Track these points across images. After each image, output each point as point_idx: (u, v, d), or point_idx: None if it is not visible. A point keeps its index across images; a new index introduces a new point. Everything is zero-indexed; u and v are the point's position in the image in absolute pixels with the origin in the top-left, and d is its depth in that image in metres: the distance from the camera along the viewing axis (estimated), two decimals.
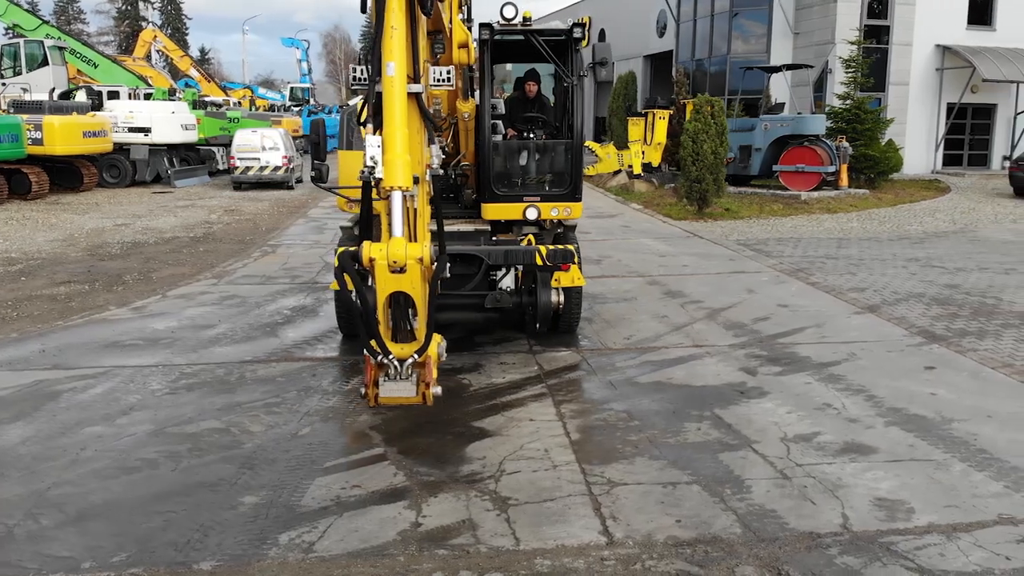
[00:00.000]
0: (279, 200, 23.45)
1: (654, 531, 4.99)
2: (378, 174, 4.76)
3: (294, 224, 18.79)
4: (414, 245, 4.78)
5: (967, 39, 26.97)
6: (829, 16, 26.12)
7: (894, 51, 26.61)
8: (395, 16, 4.72)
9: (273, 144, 25.84)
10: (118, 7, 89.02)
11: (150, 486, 5.63)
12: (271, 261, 14.04)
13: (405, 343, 4.98)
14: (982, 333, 9.24)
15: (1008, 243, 15.52)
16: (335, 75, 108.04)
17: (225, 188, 26.50)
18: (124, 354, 8.64)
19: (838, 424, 6.66)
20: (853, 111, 23.26)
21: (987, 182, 25.82)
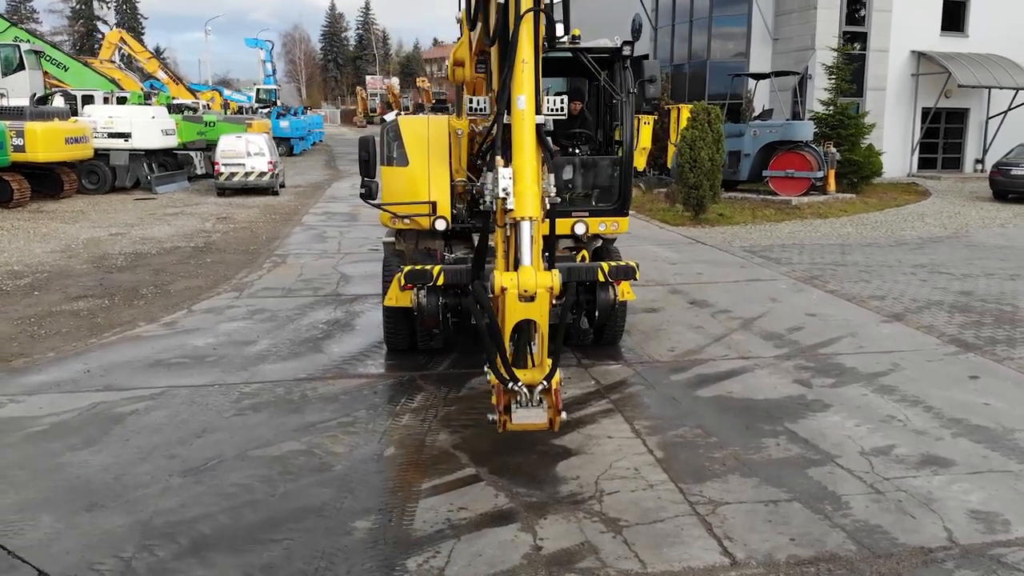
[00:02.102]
0: (268, 207, 23.24)
1: (773, 550, 5.12)
2: (509, 205, 4.81)
3: (293, 233, 18.65)
4: (544, 274, 4.85)
5: (941, 45, 27.66)
6: (809, 23, 26.61)
7: (871, 57, 27.19)
8: (526, 50, 4.78)
9: (258, 149, 25.59)
10: (72, 6, 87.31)
11: (255, 513, 5.62)
12: (285, 273, 13.95)
13: (527, 370, 5.05)
14: (1011, 341, 9.54)
15: (1003, 248, 15.97)
16: (295, 75, 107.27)
17: (208, 194, 26.18)
18: (174, 373, 8.56)
19: (908, 436, 6.86)
20: (837, 116, 23.74)
21: (963, 185, 26.51)
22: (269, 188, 25.89)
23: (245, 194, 25.64)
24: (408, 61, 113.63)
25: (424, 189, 8.96)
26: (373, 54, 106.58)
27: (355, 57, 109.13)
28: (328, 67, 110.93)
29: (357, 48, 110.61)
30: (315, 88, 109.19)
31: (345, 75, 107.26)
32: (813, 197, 21.80)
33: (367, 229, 19.22)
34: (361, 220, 20.78)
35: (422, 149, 9.15)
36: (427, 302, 7.88)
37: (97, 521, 5.49)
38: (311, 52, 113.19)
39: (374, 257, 15.38)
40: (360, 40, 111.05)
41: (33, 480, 6.08)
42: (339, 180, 32.36)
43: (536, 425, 4.91)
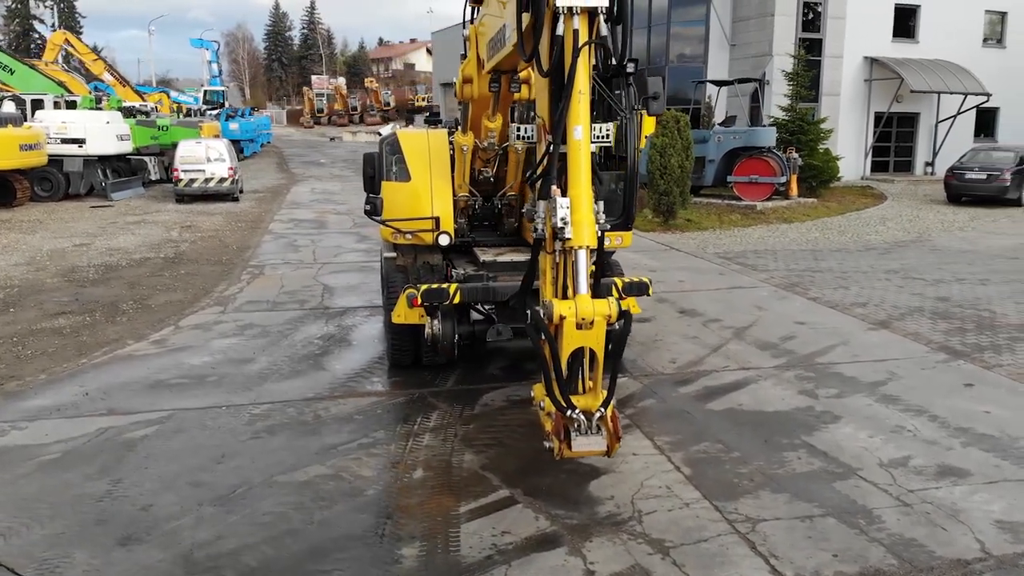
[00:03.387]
0: (231, 214, 22.88)
1: (820, 567, 5.23)
2: (567, 234, 4.84)
3: (263, 242, 18.39)
4: (600, 302, 4.88)
5: (893, 51, 28.43)
6: (766, 29, 27.12)
7: (826, 63, 27.81)
8: (582, 81, 4.81)
9: (219, 155, 25.18)
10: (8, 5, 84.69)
11: (297, 542, 5.55)
12: (265, 285, 13.75)
13: (581, 396, 5.08)
14: (997, 348, 9.86)
15: (967, 252, 16.49)
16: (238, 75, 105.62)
17: (165, 200, 25.67)
18: (176, 395, 8.40)
19: (921, 447, 7.06)
20: (796, 122, 24.24)
21: (916, 188, 27.28)
22: (229, 194, 25.49)
23: (205, 200, 25.20)
24: (355, 61, 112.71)
25: (427, 204, 8.94)
26: (319, 54, 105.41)
27: (300, 57, 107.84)
28: (272, 67, 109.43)
29: (302, 48, 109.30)
30: (259, 88, 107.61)
31: (290, 75, 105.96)
32: (777, 202, 22.24)
33: (338, 237, 19.09)
34: (330, 228, 20.61)
35: (423, 164, 9.13)
36: (443, 331, 7.87)
37: (135, 556, 5.38)
38: (254, 52, 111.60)
39: (353, 267, 15.29)
40: (305, 40, 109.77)
41: (58, 513, 5.93)
42: (296, 184, 31.97)
43: (595, 452, 4.95)
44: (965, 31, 29.65)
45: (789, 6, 26.78)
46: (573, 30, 4.76)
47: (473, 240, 9.37)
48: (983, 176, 22.69)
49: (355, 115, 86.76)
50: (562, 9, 4.73)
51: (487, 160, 8.99)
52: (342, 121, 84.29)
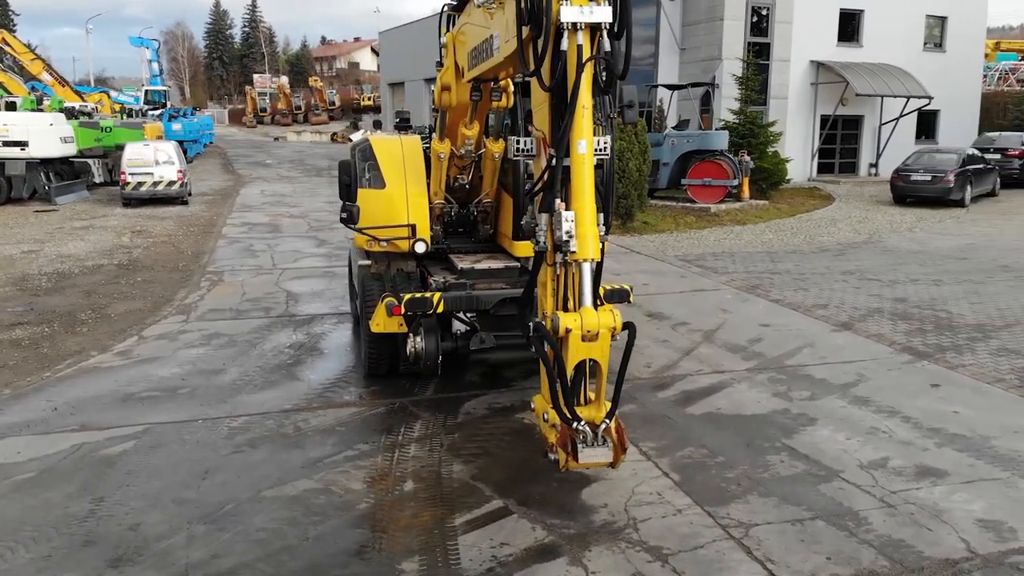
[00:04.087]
0: (182, 218, 22.44)
1: (816, 571, 5.34)
2: (572, 247, 4.87)
3: (218, 247, 18.07)
4: (605, 314, 4.93)
5: (838, 55, 29.09)
6: (715, 33, 27.53)
7: (774, 67, 28.33)
8: (585, 95, 4.84)
9: (167, 158, 24.68)
10: None
11: (295, 559, 5.49)
12: (226, 292, 13.52)
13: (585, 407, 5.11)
14: (958, 348, 10.17)
15: (917, 253, 16.96)
16: (177, 74, 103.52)
17: (111, 204, 25.08)
18: (149, 408, 8.23)
19: (897, 448, 7.25)
20: (747, 125, 24.66)
21: (861, 189, 27.95)
22: (179, 198, 25.01)
23: (153, 204, 24.69)
24: (298, 59, 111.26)
25: (402, 211, 8.91)
26: (261, 52, 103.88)
27: (242, 55, 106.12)
28: (213, 65, 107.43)
29: (243, 46, 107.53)
30: (199, 87, 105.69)
31: (231, 74, 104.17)
32: (730, 204, 22.60)
33: (295, 241, 18.87)
34: (286, 232, 20.35)
35: (398, 171, 9.09)
36: (426, 348, 7.79)
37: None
38: (194, 50, 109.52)
39: (315, 273, 15.13)
40: (247, 38, 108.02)
41: (42, 535, 5.76)
42: (244, 186, 31.47)
43: (601, 463, 4.98)
44: (907, 35, 30.48)
45: (738, 10, 27.22)
46: (577, 45, 4.79)
47: (448, 247, 9.35)
48: (928, 177, 23.36)
49: (299, 114, 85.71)
50: (566, 24, 4.75)
51: (463, 167, 8.98)
52: (286, 121, 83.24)
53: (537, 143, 5.35)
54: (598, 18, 4.80)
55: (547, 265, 5.23)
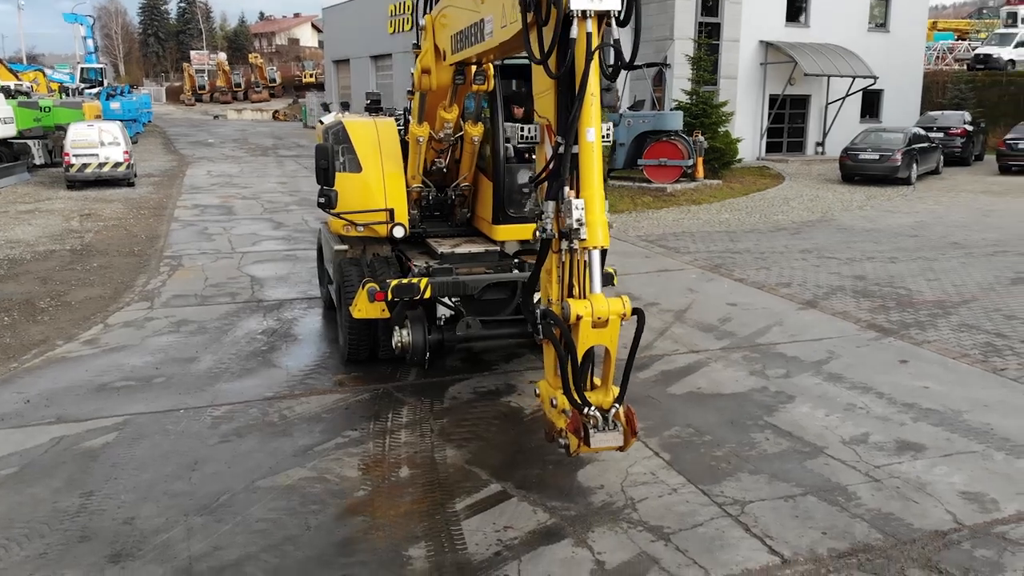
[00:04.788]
0: (130, 200, 21.89)
1: (813, 545, 5.50)
2: (582, 235, 4.90)
3: (172, 230, 17.70)
4: (615, 301, 4.98)
5: (786, 35, 29.47)
6: (667, 13, 27.65)
7: (724, 47, 28.60)
8: (593, 84, 4.85)
9: (113, 139, 23.99)
10: None
11: (299, 549, 5.46)
12: (188, 277, 13.26)
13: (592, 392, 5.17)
14: (920, 324, 10.48)
15: (870, 231, 17.37)
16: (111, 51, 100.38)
17: (55, 187, 24.31)
18: (126, 399, 8.07)
19: (876, 424, 7.46)
20: (700, 105, 24.89)
21: (809, 167, 28.46)
22: (125, 179, 24.38)
23: (98, 186, 24.01)
24: (236, 35, 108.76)
25: (379, 196, 8.84)
26: (198, 28, 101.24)
27: (178, 31, 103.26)
28: (148, 42, 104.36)
29: (180, 22, 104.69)
30: (134, 64, 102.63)
31: (168, 50, 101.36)
32: (684, 184, 22.83)
33: (251, 224, 18.58)
34: (240, 214, 20.02)
35: (374, 154, 9.02)
36: (414, 340, 7.75)
37: (131, 574, 5.18)
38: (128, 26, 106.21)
39: (276, 256, 14.93)
40: (183, 13, 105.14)
41: (35, 532, 5.64)
42: (190, 167, 30.81)
43: (611, 447, 5.05)
44: (852, 16, 31.00)
45: None
46: (587, 33, 4.79)
47: (424, 231, 9.31)
48: (876, 156, 23.89)
49: (239, 92, 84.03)
50: (576, 12, 4.75)
51: (440, 151, 8.93)
52: (226, 98, 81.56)
53: (542, 130, 5.34)
54: (607, 5, 4.81)
55: (552, 252, 5.25)
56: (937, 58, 42.29)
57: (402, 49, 46.52)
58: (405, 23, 45.57)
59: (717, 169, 24.99)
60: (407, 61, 46.40)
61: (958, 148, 28.13)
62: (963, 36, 52.13)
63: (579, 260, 5.18)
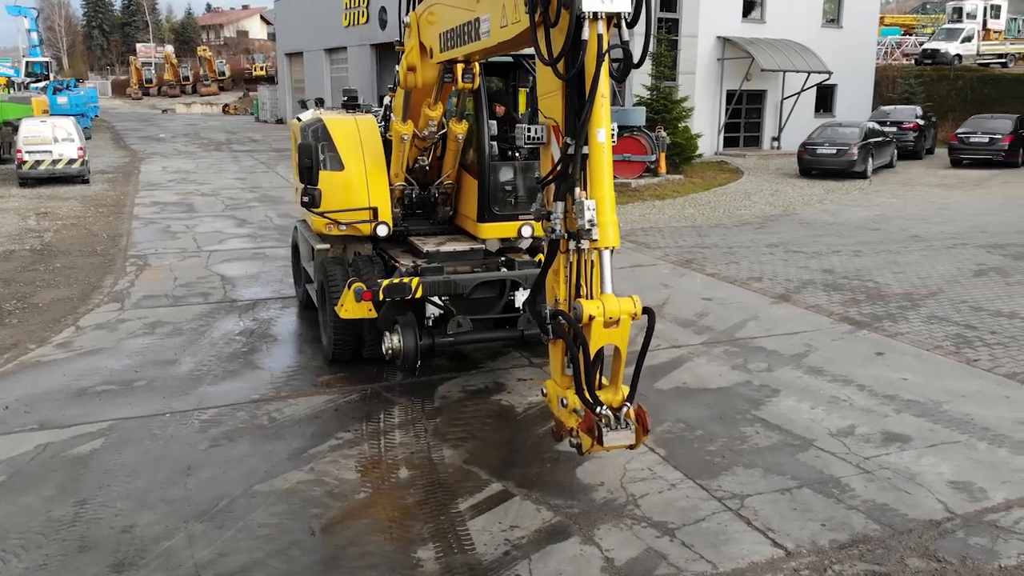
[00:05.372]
0: (87, 198, 21.39)
1: (814, 537, 5.62)
2: (594, 235, 4.93)
3: (134, 229, 17.34)
4: (625, 300, 5.03)
5: (743, 31, 29.82)
6: None
7: (683, 43, 28.85)
8: (604, 85, 4.87)
9: (67, 135, 23.38)
10: None
11: (306, 554, 5.43)
12: (156, 277, 13.02)
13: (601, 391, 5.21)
14: (892, 317, 10.72)
15: (832, 225, 17.71)
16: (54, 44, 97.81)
17: (6, 184, 23.62)
18: (108, 403, 7.91)
19: (860, 416, 7.63)
20: (661, 101, 25.11)
21: (766, 162, 28.89)
22: (79, 176, 23.79)
23: (52, 184, 23.39)
24: (183, 28, 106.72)
25: (362, 194, 8.79)
26: (144, 20, 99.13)
27: (123, 23, 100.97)
28: (93, 34, 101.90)
29: (125, 14, 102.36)
30: (78, 57, 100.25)
31: (113, 43, 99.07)
32: (648, 179, 23.03)
33: (214, 222, 18.29)
34: (201, 211, 19.70)
35: (356, 152, 8.96)
36: (405, 345, 7.68)
37: None
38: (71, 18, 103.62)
39: (244, 255, 14.73)
40: (128, 5, 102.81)
41: (32, 543, 5.52)
42: (143, 163, 30.17)
43: (623, 446, 5.09)
44: (807, 12, 31.49)
45: None
46: (597, 35, 4.81)
47: (406, 229, 9.27)
48: (833, 151, 24.34)
49: (187, 85, 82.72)
50: (588, 14, 4.77)
51: (423, 148, 8.89)
52: (174, 92, 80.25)
53: (548, 131, 5.36)
54: (618, 7, 4.84)
55: (561, 252, 5.28)
56: (886, 53, 43.13)
57: (357, 42, 46.14)
58: (360, 16, 45.18)
59: (678, 164, 25.25)
60: (362, 55, 46.00)
61: (911, 142, 28.78)
62: (909, 31, 53.29)
63: (585, 260, 5.22)
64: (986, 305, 11.16)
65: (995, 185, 23.42)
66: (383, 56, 44.54)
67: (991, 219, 17.98)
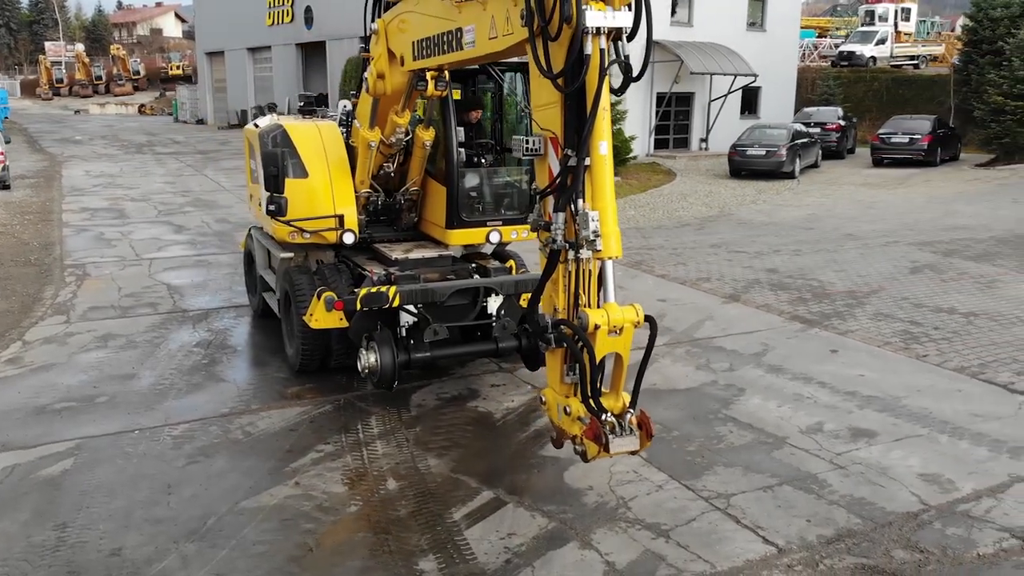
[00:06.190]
0: (10, 204, 20.55)
1: (801, 533, 5.81)
2: (598, 246, 5.01)
3: (66, 237, 16.74)
4: (628, 309, 5.13)
5: (670, 34, 30.37)
6: None
7: None
8: (605, 98, 4.96)
9: None
10: None
11: (308, 571, 5.38)
12: (99, 288, 12.61)
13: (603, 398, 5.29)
14: (840, 315, 11.11)
15: (768, 225, 18.22)
16: None
17: None
18: (71, 421, 7.67)
19: (826, 412, 7.90)
20: None
21: (697, 163, 29.51)
22: (0, 182, 22.85)
23: None
24: (94, 26, 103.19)
25: (327, 201, 8.71)
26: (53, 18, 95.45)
27: (31, 21, 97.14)
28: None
29: (32, 11, 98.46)
30: None
31: (20, 42, 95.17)
32: None
33: (149, 228, 17.80)
34: (134, 217, 19.14)
35: (320, 159, 8.87)
36: (382, 362, 7.55)
37: None
38: None
39: (187, 262, 14.40)
40: (36, 3, 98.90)
41: (16, 571, 5.32)
42: (64, 167, 29.15)
43: (627, 451, 5.19)
44: (732, 15, 32.29)
45: None
46: (600, 49, 4.89)
47: (370, 236, 9.20)
48: (762, 152, 25.04)
49: (100, 85, 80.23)
50: (591, 29, 4.84)
51: (389, 155, 8.85)
52: (86, 92, 77.81)
53: (545, 142, 5.41)
54: (620, 23, 4.94)
55: (560, 262, 5.34)
56: (803, 55, 44.47)
57: (282, 42, 45.41)
58: (285, 15, 44.46)
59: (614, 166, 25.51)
60: (287, 55, 45.26)
61: (834, 142, 29.79)
62: (823, 33, 55.06)
63: (584, 270, 5.30)
64: (926, 301, 11.66)
65: (917, 184, 24.43)
66: (309, 56, 43.95)
67: (918, 217, 18.76)
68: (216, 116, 54.50)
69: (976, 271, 13.48)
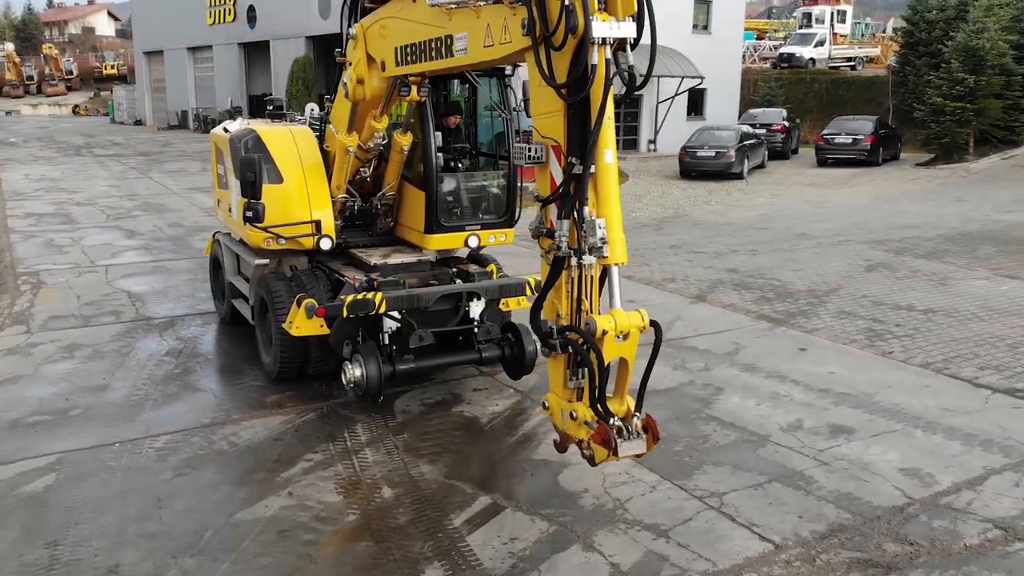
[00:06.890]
0: None
1: (795, 529, 5.96)
2: (604, 253, 5.08)
3: (14, 243, 16.26)
4: (634, 314, 5.22)
5: None
6: None
7: None
8: (610, 107, 5.03)
9: None
10: None
11: None
12: (56, 296, 12.28)
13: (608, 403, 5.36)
14: (805, 313, 11.38)
15: (724, 225, 18.55)
16: None
17: None
18: (47, 435, 7.47)
19: (804, 410, 8.10)
20: None
21: (647, 164, 29.87)
22: None
23: None
24: (25, 25, 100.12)
25: (303, 207, 8.66)
26: None
27: None
28: None
29: None
30: None
31: None
32: None
33: (100, 233, 17.39)
34: (82, 222, 18.67)
35: (295, 164, 8.81)
36: (368, 375, 7.49)
37: None
38: None
39: (144, 269, 14.11)
40: None
41: None
42: (1, 170, 28.26)
43: (635, 454, 5.27)
44: (678, 18, 32.70)
45: None
46: (605, 59, 4.96)
47: (344, 241, 9.14)
48: (712, 153, 25.48)
49: (32, 85, 78.05)
50: (597, 39, 4.91)
51: (365, 160, 8.81)
52: (17, 92, 75.72)
53: (547, 150, 5.45)
54: (624, 33, 5.01)
55: (563, 269, 5.40)
56: (744, 57, 45.29)
57: (223, 41, 44.69)
58: (227, 14, 43.77)
59: None
60: (229, 54, 44.56)
61: (779, 143, 30.45)
62: (762, 35, 56.17)
63: (586, 276, 5.37)
64: (884, 299, 12.01)
65: (861, 183, 25.11)
66: (252, 56, 43.33)
67: (866, 216, 19.29)
68: (155, 117, 53.43)
69: (928, 268, 13.92)
